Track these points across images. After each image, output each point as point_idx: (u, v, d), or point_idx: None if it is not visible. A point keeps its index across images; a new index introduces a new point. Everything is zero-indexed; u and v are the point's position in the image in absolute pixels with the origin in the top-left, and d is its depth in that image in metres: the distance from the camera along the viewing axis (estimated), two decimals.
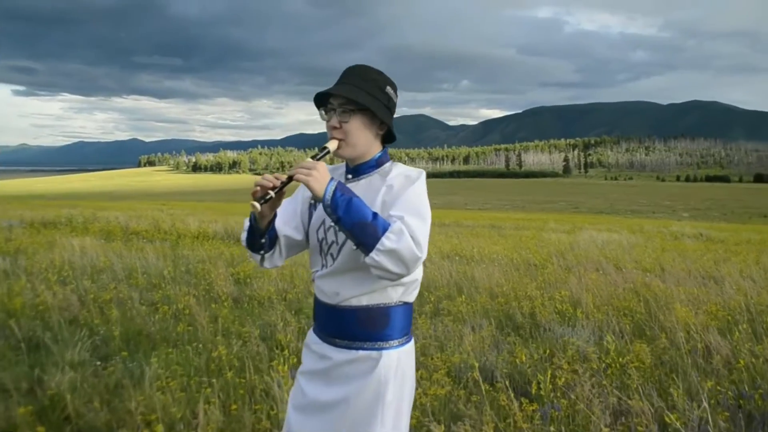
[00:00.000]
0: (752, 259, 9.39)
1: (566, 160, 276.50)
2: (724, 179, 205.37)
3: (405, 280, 1.54)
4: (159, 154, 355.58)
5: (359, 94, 1.53)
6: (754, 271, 7.52)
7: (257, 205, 1.44)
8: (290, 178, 1.45)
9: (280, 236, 1.67)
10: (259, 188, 1.47)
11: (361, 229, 1.40)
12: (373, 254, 1.40)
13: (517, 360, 3.55)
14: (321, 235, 1.65)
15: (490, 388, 3.06)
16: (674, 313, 4.47)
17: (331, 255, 1.61)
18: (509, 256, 9.46)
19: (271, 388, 3.19)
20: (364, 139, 1.59)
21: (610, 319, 4.67)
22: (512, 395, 2.80)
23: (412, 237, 1.39)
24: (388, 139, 1.68)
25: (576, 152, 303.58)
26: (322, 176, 1.44)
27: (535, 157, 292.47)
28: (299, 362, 3.76)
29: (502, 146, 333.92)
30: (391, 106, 1.61)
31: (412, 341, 1.67)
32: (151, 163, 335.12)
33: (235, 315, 5.13)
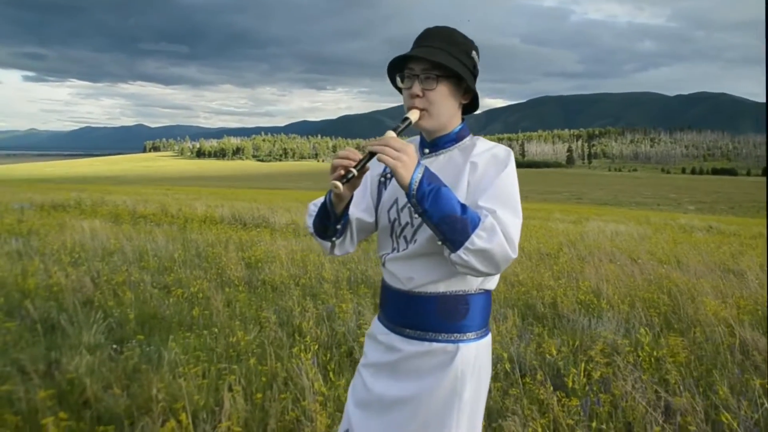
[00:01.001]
0: None
1: (570, 150, 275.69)
2: (731, 172, 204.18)
3: None
4: (164, 139, 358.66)
5: (446, 58, 1.37)
6: None
7: (340, 185, 1.28)
8: (372, 154, 1.29)
9: (351, 219, 1.52)
10: (341, 169, 1.29)
11: (450, 225, 1.25)
12: (461, 252, 1.25)
13: (548, 352, 3.44)
14: (393, 215, 1.49)
15: (530, 381, 2.96)
16: (704, 306, 4.35)
17: (405, 237, 1.46)
18: (520, 245, 9.34)
19: (297, 376, 3.10)
20: (448, 109, 1.43)
21: (637, 311, 4.57)
22: (550, 389, 2.70)
23: (504, 235, 1.25)
24: (467, 109, 1.52)
25: (580, 143, 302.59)
26: (411, 161, 1.26)
27: (538, 147, 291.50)
28: (320, 349, 3.68)
29: (505, 136, 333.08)
30: (476, 73, 1.45)
31: (490, 334, 1.52)
32: (156, 149, 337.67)
33: (251, 300, 5.04)
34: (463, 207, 1.27)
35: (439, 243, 1.30)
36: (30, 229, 8.41)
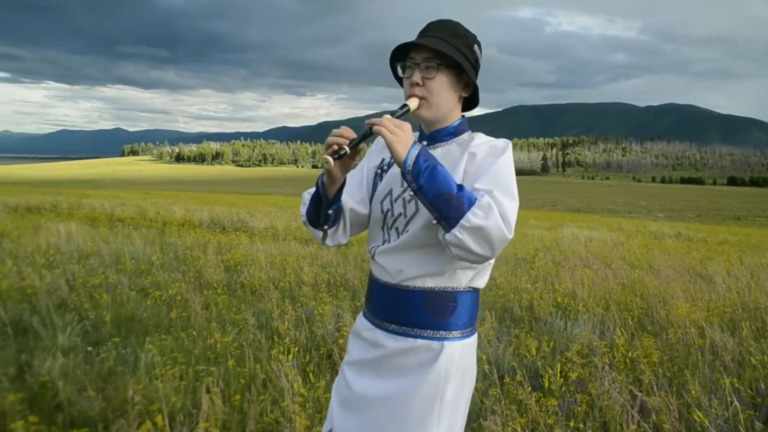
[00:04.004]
0: (736, 259, 9.52)
1: (544, 158, 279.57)
2: (698, 181, 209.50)
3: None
4: (142, 143, 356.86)
5: (447, 48, 1.37)
6: (741, 271, 7.61)
7: (330, 159, 1.28)
8: (368, 133, 1.30)
9: (345, 209, 1.49)
10: (335, 144, 1.29)
11: (445, 202, 1.23)
12: (455, 231, 1.23)
13: (528, 354, 3.48)
14: (386, 206, 1.47)
15: (510, 382, 2.99)
16: (676, 308, 4.46)
17: (396, 229, 1.45)
18: None
19: (276, 378, 3.08)
20: (447, 100, 1.43)
21: (611, 314, 4.65)
22: (529, 389, 2.73)
23: (501, 214, 1.23)
24: (468, 105, 1.52)
25: (554, 151, 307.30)
26: (406, 137, 1.26)
27: (514, 155, 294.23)
28: (299, 351, 3.67)
29: None
30: (477, 66, 1.45)
31: (476, 334, 1.50)
32: (134, 153, 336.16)
33: (230, 302, 5.00)
34: (460, 186, 1.27)
35: (434, 222, 1.29)
36: (3, 231, 8.20)
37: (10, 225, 9.04)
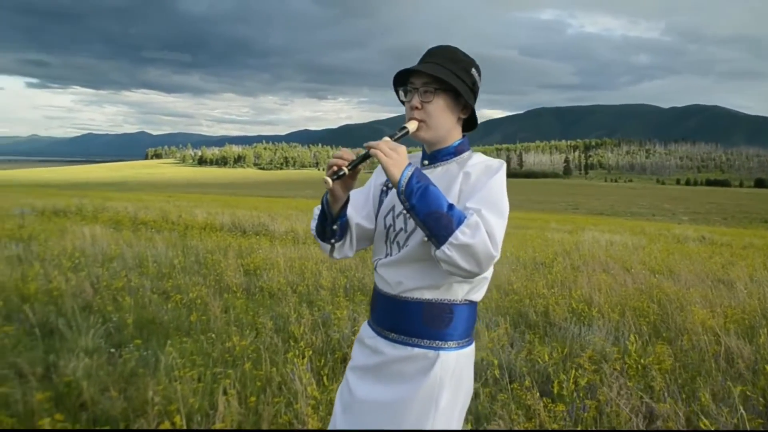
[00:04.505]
0: (760, 263, 9.35)
1: (566, 161, 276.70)
2: (724, 183, 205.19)
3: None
4: (166, 147, 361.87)
5: (444, 73, 1.45)
6: (764, 276, 7.48)
7: (329, 180, 1.37)
8: (366, 155, 1.38)
9: (351, 224, 1.59)
10: (334, 166, 1.38)
11: (435, 220, 1.31)
12: (444, 248, 1.31)
13: (539, 359, 3.51)
14: (389, 221, 1.56)
15: (518, 387, 3.03)
16: (693, 315, 4.43)
17: (398, 243, 1.53)
18: (515, 254, 9.44)
19: (291, 381, 3.16)
20: (445, 122, 1.51)
21: (626, 320, 4.64)
22: (537, 395, 2.77)
23: (488, 233, 1.30)
24: (467, 126, 1.59)
25: (576, 153, 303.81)
26: (401, 159, 1.36)
27: (536, 158, 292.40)
28: (315, 355, 3.75)
29: (504, 146, 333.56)
30: (475, 89, 1.53)
31: (473, 345, 1.56)
32: (158, 156, 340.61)
33: (248, 306, 5.10)
34: (450, 205, 1.34)
35: (425, 239, 1.37)
36: (30, 234, 8.49)
37: (38, 228, 9.34)
